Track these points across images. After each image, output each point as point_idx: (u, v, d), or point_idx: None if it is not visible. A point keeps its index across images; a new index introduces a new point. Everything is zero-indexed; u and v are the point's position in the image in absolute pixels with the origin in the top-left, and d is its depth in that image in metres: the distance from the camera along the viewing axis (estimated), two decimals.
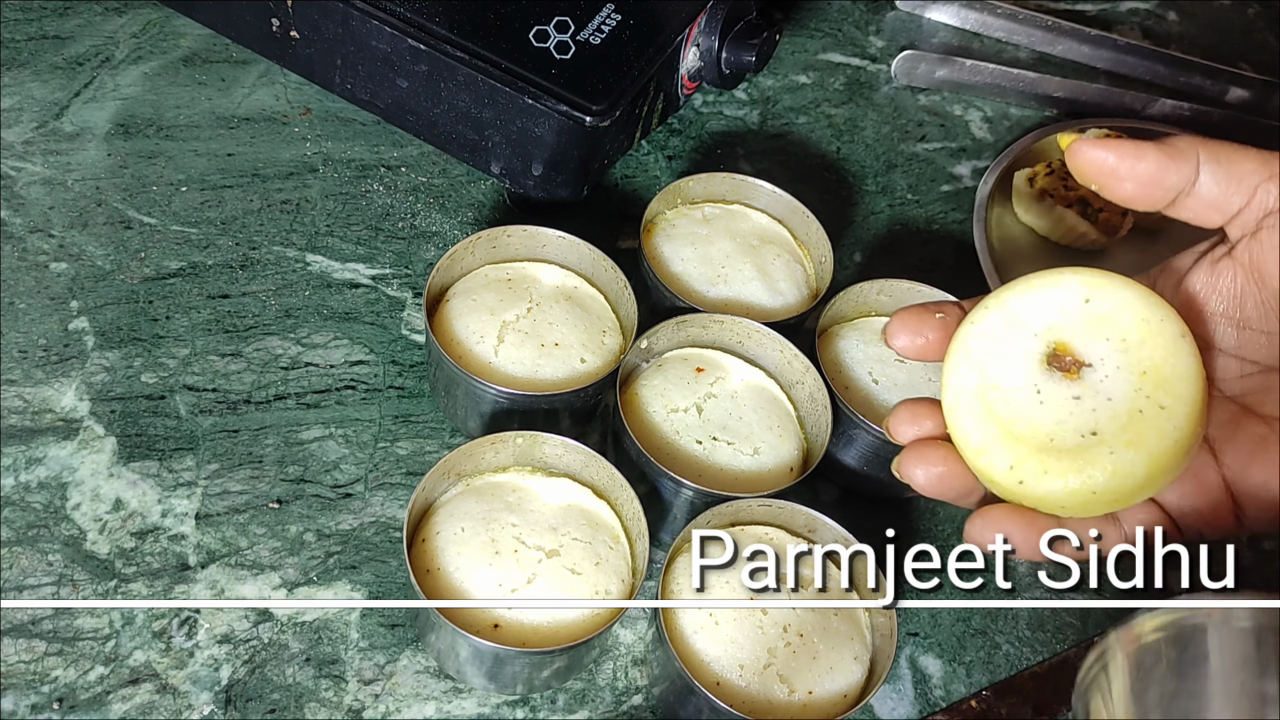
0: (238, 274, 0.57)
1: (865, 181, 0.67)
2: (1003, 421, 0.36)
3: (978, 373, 0.37)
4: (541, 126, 0.55)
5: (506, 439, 0.48)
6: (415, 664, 0.47)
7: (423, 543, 0.46)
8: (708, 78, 0.62)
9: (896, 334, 0.39)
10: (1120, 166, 0.36)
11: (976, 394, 0.36)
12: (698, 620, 0.45)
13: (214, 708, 0.45)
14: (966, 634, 0.52)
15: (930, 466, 0.38)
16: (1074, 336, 0.36)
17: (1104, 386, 0.35)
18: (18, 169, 0.59)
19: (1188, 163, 0.36)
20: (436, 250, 0.60)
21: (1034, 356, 0.36)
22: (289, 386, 0.54)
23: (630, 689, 0.48)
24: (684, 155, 0.66)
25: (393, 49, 0.56)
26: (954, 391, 0.37)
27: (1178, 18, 0.81)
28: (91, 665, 0.46)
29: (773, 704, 0.44)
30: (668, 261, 0.56)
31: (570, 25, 0.57)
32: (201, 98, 0.63)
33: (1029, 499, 0.35)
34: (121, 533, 0.49)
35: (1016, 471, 0.35)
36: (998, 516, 0.37)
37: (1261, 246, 0.36)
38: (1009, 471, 0.35)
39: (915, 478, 0.38)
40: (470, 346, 0.51)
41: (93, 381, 0.53)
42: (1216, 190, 0.36)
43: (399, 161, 0.63)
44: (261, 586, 0.49)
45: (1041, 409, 0.36)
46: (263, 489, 0.51)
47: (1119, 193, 0.36)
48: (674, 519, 0.50)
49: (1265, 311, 0.37)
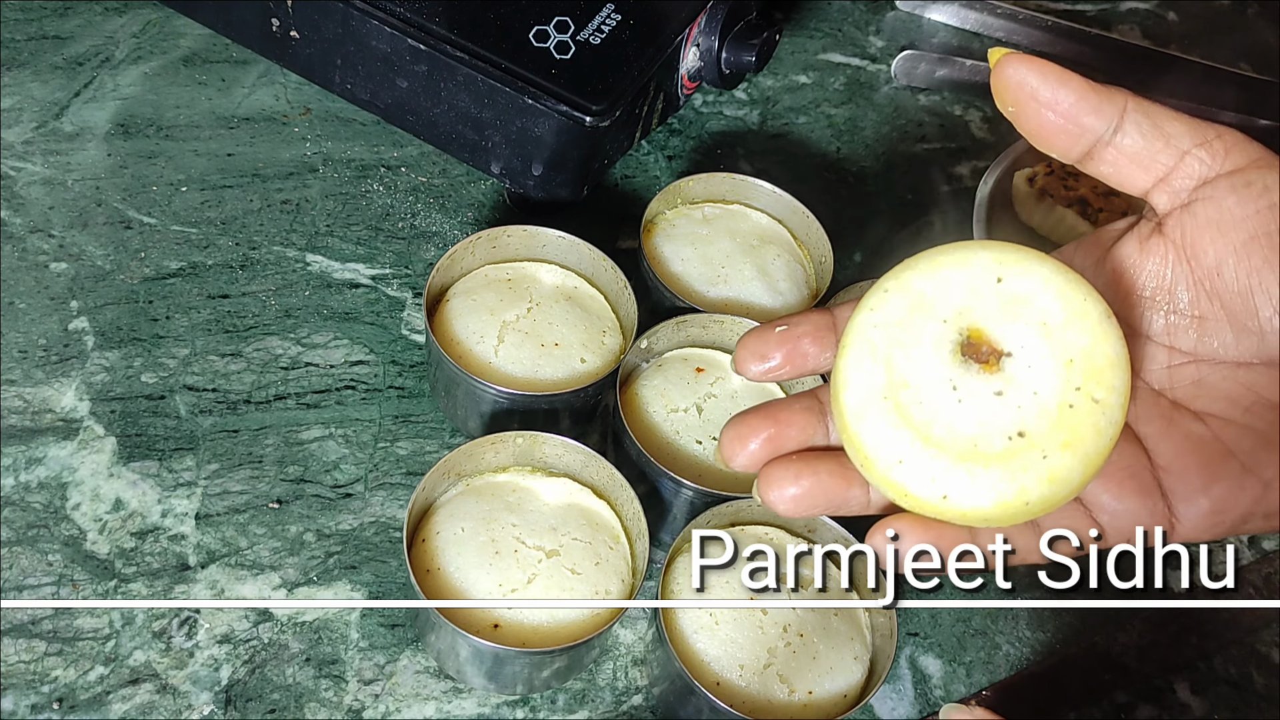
0: (238, 274, 0.57)
1: (865, 181, 0.67)
2: (918, 426, 0.31)
3: (883, 368, 0.32)
4: (541, 126, 0.55)
5: (506, 439, 0.48)
6: (415, 664, 0.47)
7: (423, 543, 0.46)
8: (708, 78, 0.62)
9: (746, 363, 0.36)
10: (1041, 90, 0.32)
11: (885, 394, 0.32)
12: (698, 620, 0.45)
13: (214, 708, 0.45)
14: (966, 634, 0.52)
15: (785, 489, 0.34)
16: (989, 321, 0.31)
17: (1028, 379, 0.31)
18: (18, 169, 0.59)
19: (1112, 106, 0.32)
20: (436, 250, 0.60)
21: (945, 346, 0.32)
22: (289, 386, 0.54)
23: (630, 689, 0.48)
24: (684, 155, 0.66)
25: (393, 49, 0.56)
26: (857, 393, 0.32)
27: (1178, 18, 0.81)
28: (91, 665, 0.46)
29: (773, 704, 0.44)
30: (668, 261, 0.56)
31: (570, 25, 0.57)
32: (201, 98, 0.63)
33: (951, 514, 0.31)
34: (121, 533, 0.49)
35: (940, 485, 0.31)
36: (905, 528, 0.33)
37: (1195, 220, 0.33)
38: (931, 484, 0.31)
39: (777, 505, 0.34)
40: (470, 346, 0.51)
41: (93, 381, 0.53)
42: (1141, 144, 0.32)
43: (399, 161, 0.63)
44: (261, 586, 0.49)
45: (960, 408, 0.31)
46: (263, 489, 0.51)
47: (1036, 123, 0.33)
48: (674, 519, 0.50)
49: (1196, 295, 0.33)
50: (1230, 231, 0.32)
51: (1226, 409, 0.33)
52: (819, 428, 0.35)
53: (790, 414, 0.35)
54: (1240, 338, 0.33)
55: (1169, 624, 0.52)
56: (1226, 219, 0.32)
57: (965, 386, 0.31)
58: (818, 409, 0.35)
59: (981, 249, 0.32)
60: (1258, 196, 0.32)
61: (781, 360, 0.35)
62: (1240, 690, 0.51)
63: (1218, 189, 0.32)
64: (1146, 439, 0.34)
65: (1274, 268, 0.32)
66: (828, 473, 0.34)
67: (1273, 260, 0.32)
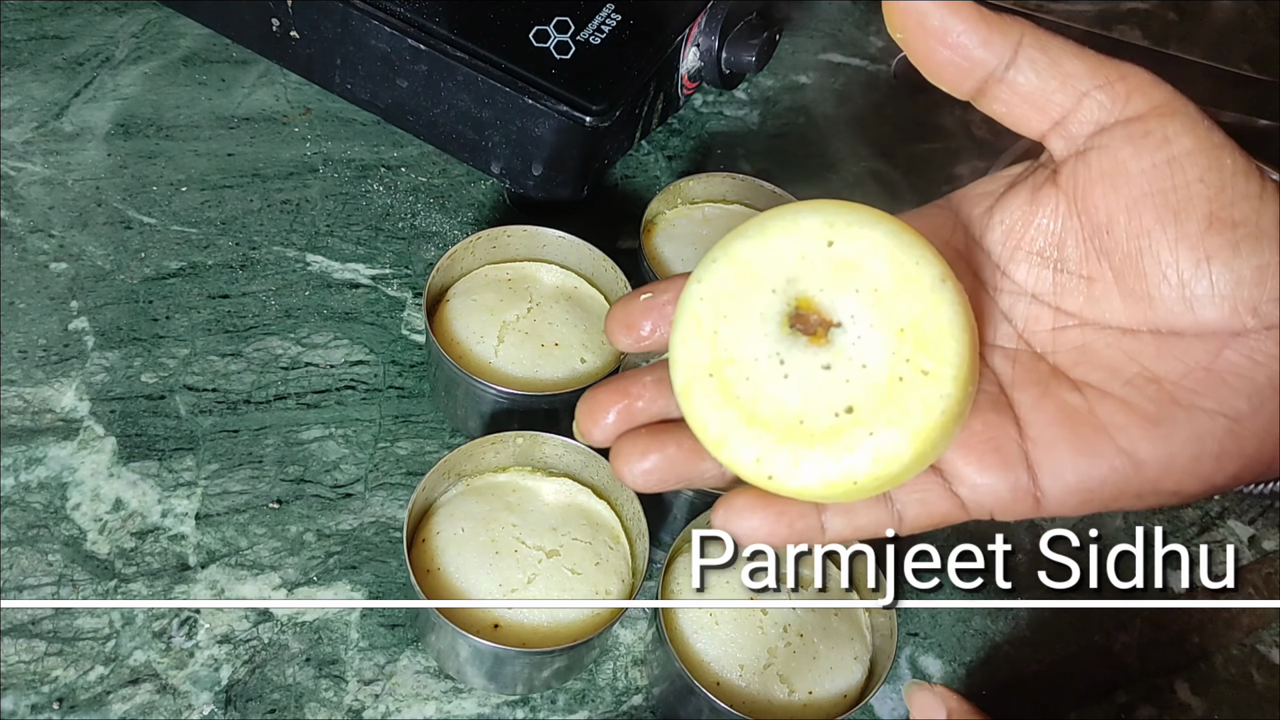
0: (238, 274, 0.57)
1: (866, 182, 0.67)
2: (742, 403, 0.30)
3: (708, 344, 0.30)
4: (541, 126, 0.55)
5: (506, 439, 0.48)
6: (415, 664, 0.47)
7: (423, 543, 0.46)
8: (708, 78, 0.62)
9: (615, 334, 0.34)
10: (930, 16, 0.30)
11: (710, 371, 0.30)
12: (698, 620, 0.45)
13: (214, 708, 0.45)
14: (966, 634, 0.52)
15: (635, 464, 0.32)
16: (818, 290, 0.30)
17: (857, 351, 0.29)
18: (18, 169, 0.59)
19: (1005, 39, 0.30)
20: (436, 250, 0.60)
21: (773, 318, 0.30)
22: (289, 386, 0.54)
23: (630, 689, 0.48)
24: (684, 155, 0.66)
25: (393, 49, 0.56)
26: (684, 370, 0.31)
27: (1178, 18, 0.81)
28: (91, 665, 0.46)
29: (773, 704, 0.44)
30: (668, 261, 0.56)
31: (570, 25, 0.57)
32: (201, 98, 0.63)
33: (783, 492, 0.30)
34: (121, 533, 0.49)
35: (764, 464, 0.30)
36: (744, 505, 0.32)
37: (1089, 171, 0.30)
38: (756, 465, 0.30)
39: (630, 480, 0.33)
40: (470, 346, 0.51)
41: (93, 381, 0.53)
42: (1035, 82, 0.30)
43: (399, 161, 0.63)
44: (261, 586, 0.49)
45: (787, 384, 0.30)
46: (263, 489, 0.51)
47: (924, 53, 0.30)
48: (674, 519, 0.50)
49: (1085, 253, 0.31)
50: (1123, 186, 0.30)
51: (1106, 380, 0.31)
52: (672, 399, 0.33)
53: (640, 386, 0.33)
54: (1128, 303, 0.31)
55: (1169, 624, 0.52)
56: (1120, 172, 0.30)
57: (792, 360, 0.30)
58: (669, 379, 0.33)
59: (812, 211, 0.30)
60: (1155, 148, 0.29)
61: (650, 328, 0.33)
62: (1240, 690, 0.51)
63: (1114, 137, 0.30)
64: (1019, 406, 0.32)
65: (1166, 230, 0.29)
66: (676, 446, 0.32)
67: (1165, 221, 0.29)
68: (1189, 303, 0.30)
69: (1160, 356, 0.31)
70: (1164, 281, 0.30)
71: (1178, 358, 0.30)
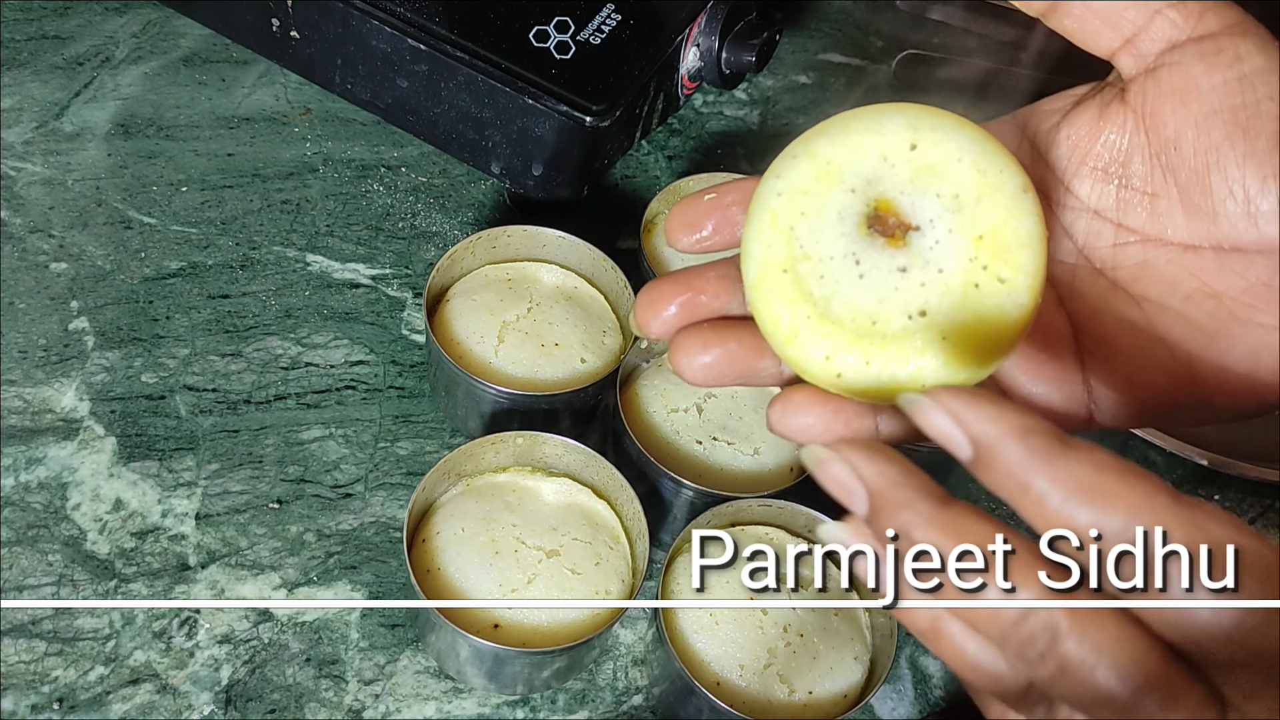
0: (238, 274, 0.57)
1: None
2: (815, 301, 0.30)
3: (784, 240, 0.30)
4: (541, 126, 0.55)
5: (506, 439, 0.48)
6: (415, 664, 0.47)
7: (423, 543, 0.46)
8: (708, 78, 0.62)
9: (676, 233, 0.33)
10: None
11: (784, 266, 0.30)
12: (698, 620, 0.45)
13: (214, 708, 0.45)
14: None
15: (696, 356, 0.32)
16: (898, 192, 0.30)
17: (934, 255, 0.29)
18: (18, 169, 0.59)
19: None
20: (436, 250, 0.60)
21: (851, 218, 0.30)
22: (289, 386, 0.54)
23: (630, 689, 0.48)
24: (684, 155, 0.66)
25: (393, 49, 0.56)
26: (756, 265, 0.30)
27: None
28: (91, 665, 0.46)
29: (773, 704, 0.44)
30: (668, 261, 0.56)
31: (570, 25, 0.57)
32: (201, 98, 0.63)
33: (850, 392, 0.30)
34: (121, 533, 0.49)
35: (834, 363, 0.29)
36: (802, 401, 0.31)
37: (1159, 88, 0.30)
38: (825, 362, 0.29)
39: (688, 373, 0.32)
40: (470, 346, 0.51)
41: (93, 381, 0.53)
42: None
43: (399, 161, 0.63)
44: (261, 586, 0.49)
45: (861, 284, 0.29)
46: (263, 489, 0.51)
47: None
48: (674, 519, 0.50)
49: (1151, 169, 0.31)
50: (1193, 102, 0.30)
51: (1166, 294, 0.31)
52: (735, 296, 0.33)
53: (705, 281, 0.33)
54: (1191, 219, 0.31)
55: None
56: (1190, 88, 0.30)
57: (868, 261, 0.29)
58: (734, 276, 0.33)
59: (897, 113, 0.30)
60: (1226, 66, 0.29)
61: (712, 230, 0.33)
62: None
63: (1185, 54, 0.30)
64: (1077, 318, 0.32)
65: (1234, 146, 0.29)
66: (738, 343, 0.32)
67: (1234, 138, 0.29)
68: (1253, 219, 0.30)
69: (1221, 272, 0.31)
70: (1229, 197, 0.30)
71: (1239, 273, 0.30)
